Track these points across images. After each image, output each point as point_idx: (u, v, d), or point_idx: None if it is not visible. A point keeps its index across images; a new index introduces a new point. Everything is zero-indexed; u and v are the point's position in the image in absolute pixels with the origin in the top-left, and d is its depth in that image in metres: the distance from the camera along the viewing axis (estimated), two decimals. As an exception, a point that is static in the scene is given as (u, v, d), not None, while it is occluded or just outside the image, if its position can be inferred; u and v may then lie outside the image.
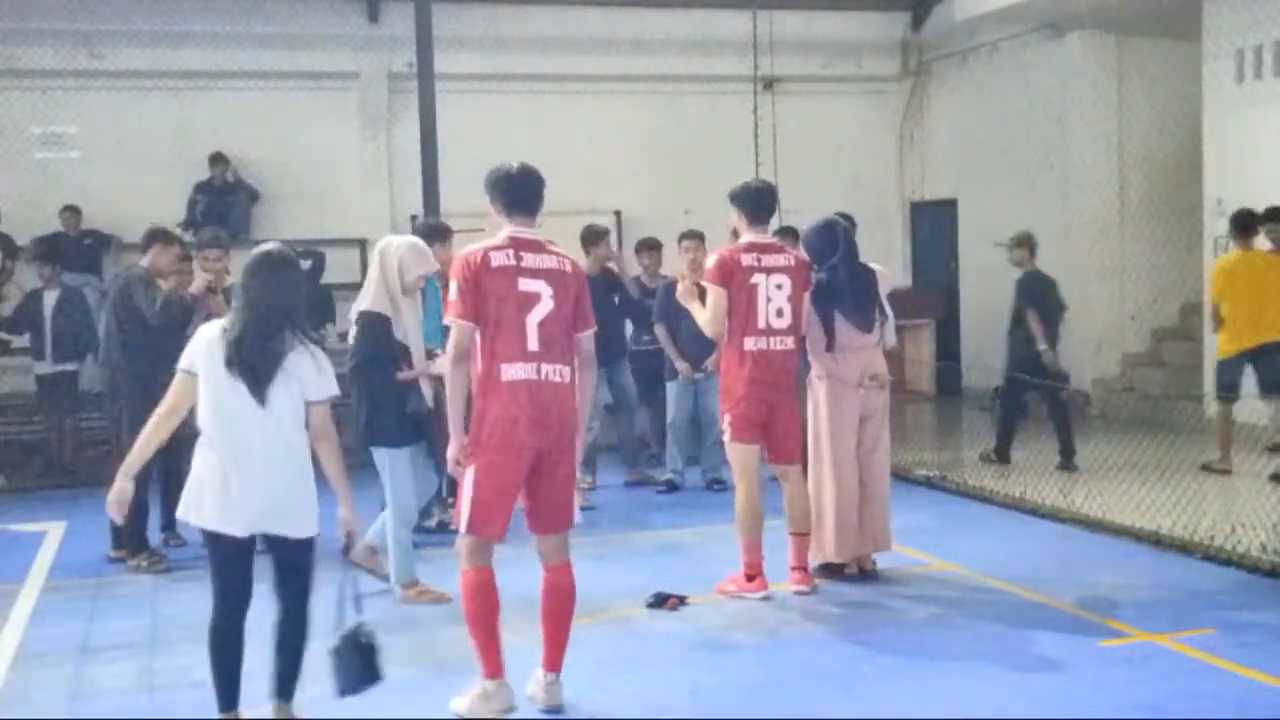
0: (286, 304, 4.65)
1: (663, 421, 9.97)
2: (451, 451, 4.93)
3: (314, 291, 10.53)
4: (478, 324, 4.85)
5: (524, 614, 5.19)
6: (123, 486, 4.70)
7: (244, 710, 5.14)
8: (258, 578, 4.73)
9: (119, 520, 4.83)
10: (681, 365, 9.47)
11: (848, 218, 9.14)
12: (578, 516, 5.08)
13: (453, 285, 4.92)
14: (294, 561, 4.69)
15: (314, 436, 4.65)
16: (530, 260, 4.92)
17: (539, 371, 4.84)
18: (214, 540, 4.68)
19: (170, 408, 4.73)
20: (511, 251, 4.90)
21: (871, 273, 7.02)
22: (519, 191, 5.05)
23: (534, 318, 4.86)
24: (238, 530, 4.61)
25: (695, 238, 9.67)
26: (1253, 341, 9.28)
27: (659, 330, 9.72)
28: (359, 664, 4.68)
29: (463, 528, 4.90)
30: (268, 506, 4.58)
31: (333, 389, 4.70)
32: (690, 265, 9.49)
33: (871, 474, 6.93)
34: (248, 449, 4.57)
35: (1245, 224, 9.54)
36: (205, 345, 4.66)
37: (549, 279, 4.92)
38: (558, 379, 4.89)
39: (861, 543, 6.91)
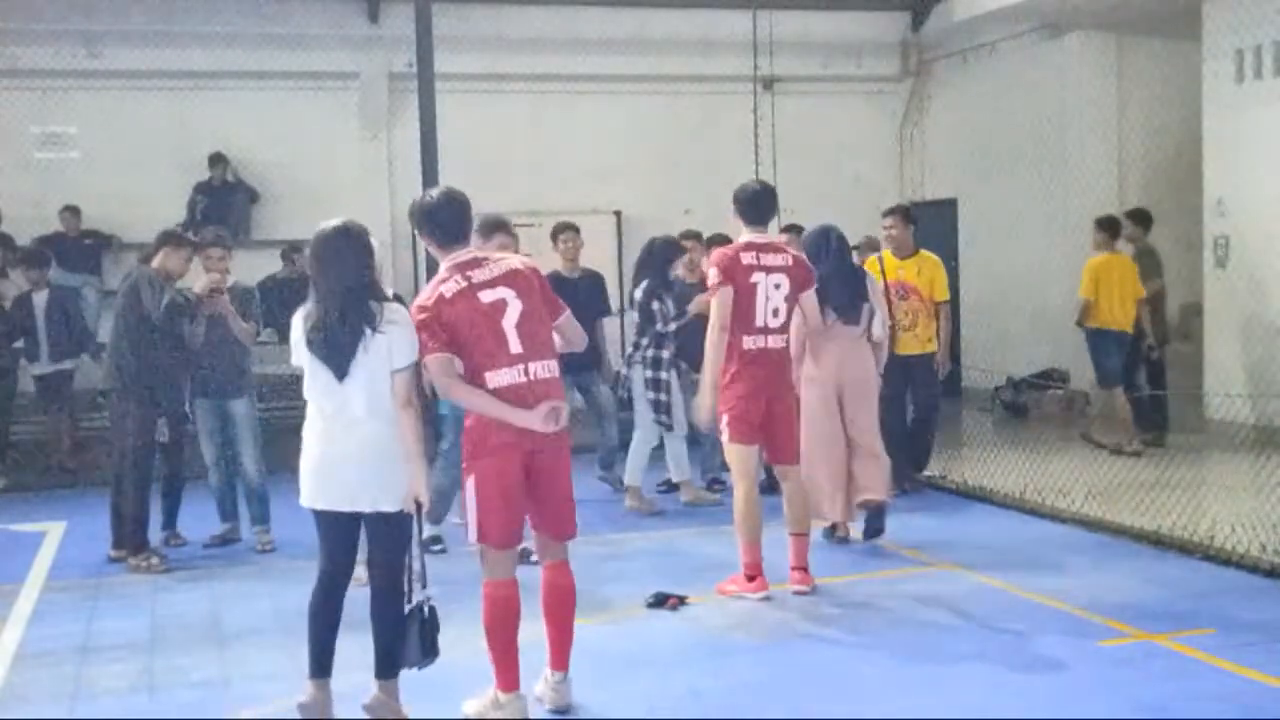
0: (355, 277, 4.66)
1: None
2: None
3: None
4: (454, 353, 4.75)
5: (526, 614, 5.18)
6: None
7: (245, 710, 5.16)
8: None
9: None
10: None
11: (906, 211, 9.30)
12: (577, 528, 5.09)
13: (415, 333, 4.76)
14: (383, 535, 4.73)
15: (398, 404, 4.64)
16: (480, 274, 4.82)
17: (526, 372, 4.79)
18: (317, 516, 4.76)
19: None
20: (458, 277, 4.81)
21: (863, 274, 7.63)
22: (449, 223, 4.90)
23: (509, 321, 4.78)
24: (328, 505, 4.68)
25: (692, 238, 9.67)
26: (1119, 327, 10.52)
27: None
28: (418, 638, 4.72)
29: (473, 538, 4.87)
30: (354, 481, 4.63)
31: (413, 354, 4.69)
32: (687, 265, 9.50)
33: (857, 433, 7.36)
34: (334, 426, 4.65)
35: (1113, 229, 10.73)
36: (298, 329, 4.74)
37: (507, 282, 4.83)
38: (546, 374, 4.85)
39: (853, 492, 7.38)
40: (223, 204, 13.10)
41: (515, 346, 4.78)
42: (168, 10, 12.75)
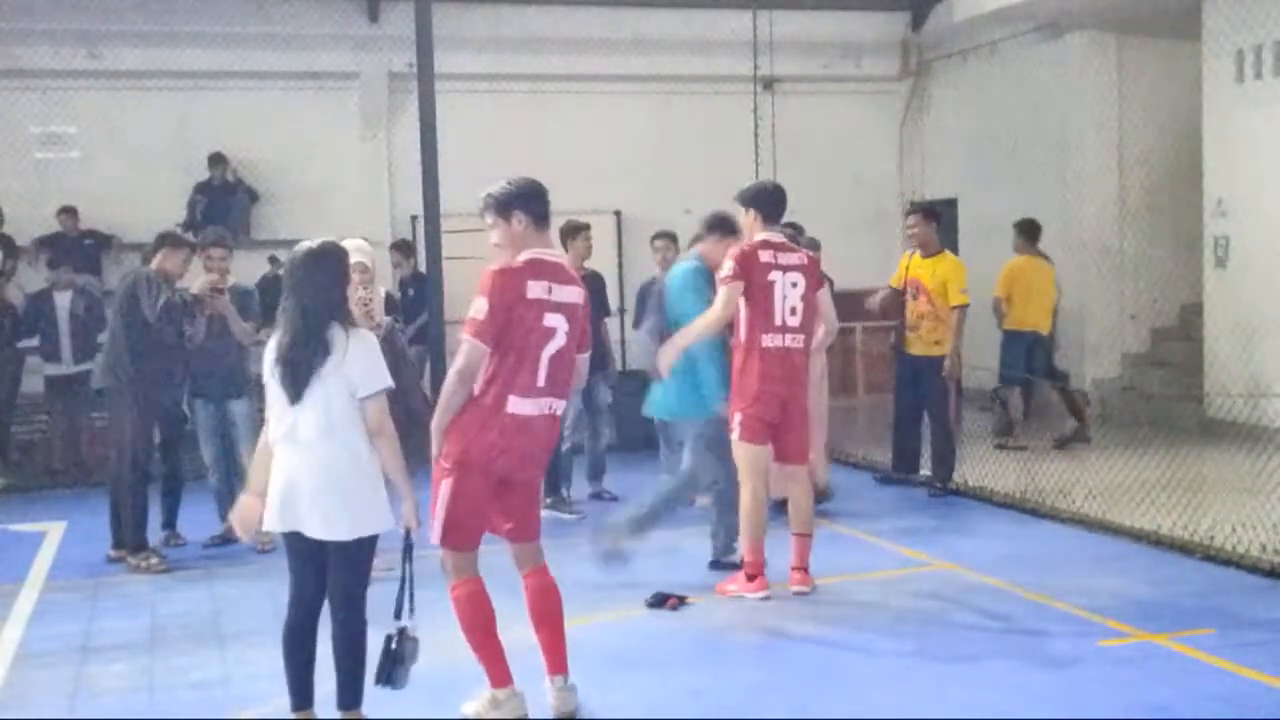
0: (325, 299, 4.59)
1: None
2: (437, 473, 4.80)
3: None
4: (494, 350, 4.74)
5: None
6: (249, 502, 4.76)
7: (245, 710, 5.16)
8: None
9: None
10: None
11: (928, 209, 9.76)
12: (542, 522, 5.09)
13: (480, 301, 4.73)
14: (340, 564, 4.66)
15: (370, 432, 4.58)
16: (557, 294, 4.85)
17: (541, 405, 4.83)
18: (283, 539, 4.71)
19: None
20: (547, 285, 4.82)
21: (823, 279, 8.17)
22: (545, 204, 4.97)
23: (548, 352, 4.81)
24: (285, 527, 4.61)
25: (666, 237, 9.69)
26: (1031, 328, 11.10)
27: (643, 332, 9.63)
28: (388, 664, 4.69)
29: (437, 540, 4.84)
30: (306, 507, 4.56)
31: (382, 382, 4.61)
32: (661, 264, 9.53)
33: None
34: (294, 449, 4.57)
35: (1032, 233, 11.30)
36: (268, 351, 4.69)
37: (567, 314, 4.87)
38: (552, 412, 4.89)
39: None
40: (223, 204, 13.10)
41: (542, 380, 4.81)
42: (168, 10, 12.74)
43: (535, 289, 4.79)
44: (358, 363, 4.57)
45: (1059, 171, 13.16)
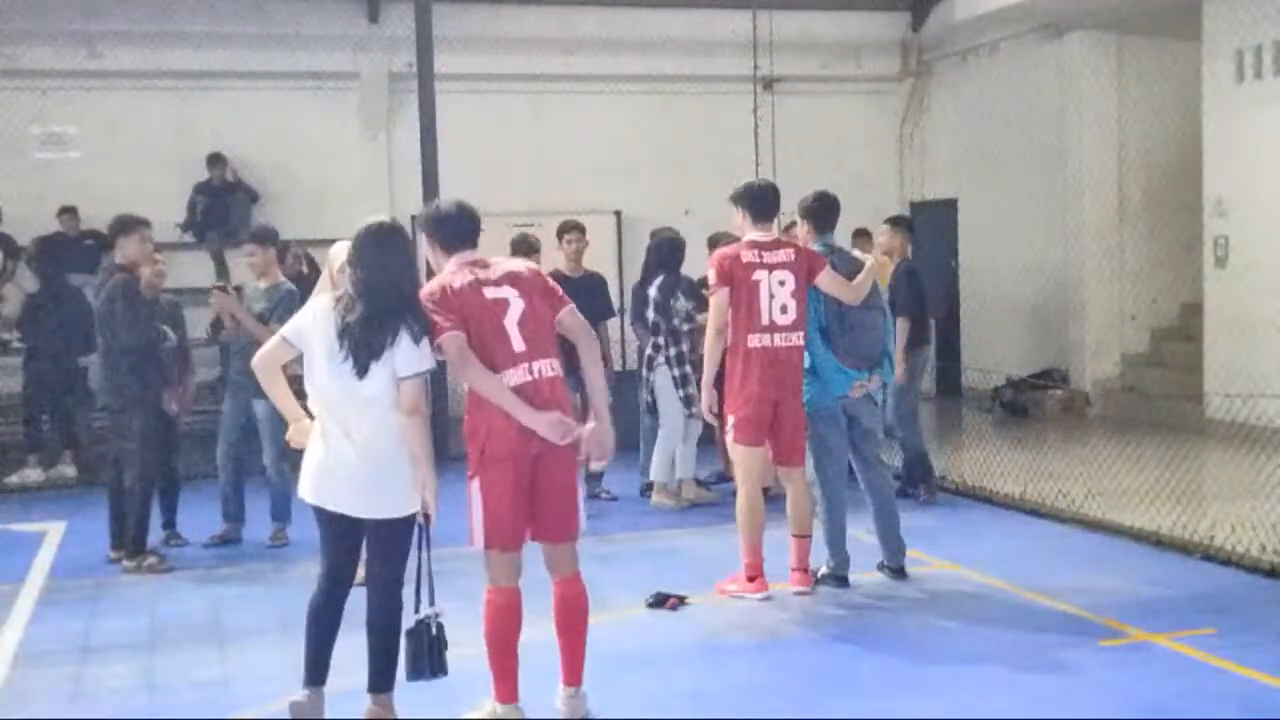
0: (395, 276, 4.62)
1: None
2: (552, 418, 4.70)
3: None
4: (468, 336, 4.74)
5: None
6: None
7: (245, 710, 5.16)
8: None
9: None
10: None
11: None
12: (583, 523, 5.00)
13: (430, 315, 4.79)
14: (381, 543, 4.68)
15: (404, 411, 4.58)
16: (484, 273, 4.84)
17: (531, 370, 4.76)
18: (318, 515, 4.70)
19: (265, 365, 4.81)
20: (466, 271, 4.81)
21: None
22: (458, 230, 4.92)
23: (511, 319, 4.77)
24: (334, 506, 4.62)
25: (573, 229, 9.68)
26: None
27: (635, 331, 9.64)
28: (424, 653, 4.66)
29: (479, 544, 4.79)
30: (352, 486, 4.58)
31: (424, 363, 4.62)
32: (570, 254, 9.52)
33: None
34: (349, 426, 4.58)
35: None
36: (315, 319, 4.66)
37: (510, 282, 4.83)
38: (550, 373, 4.82)
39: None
40: (223, 204, 13.11)
41: (518, 345, 4.76)
42: (168, 10, 12.74)
43: (456, 279, 4.79)
44: (408, 343, 4.59)
45: (1059, 171, 13.16)
